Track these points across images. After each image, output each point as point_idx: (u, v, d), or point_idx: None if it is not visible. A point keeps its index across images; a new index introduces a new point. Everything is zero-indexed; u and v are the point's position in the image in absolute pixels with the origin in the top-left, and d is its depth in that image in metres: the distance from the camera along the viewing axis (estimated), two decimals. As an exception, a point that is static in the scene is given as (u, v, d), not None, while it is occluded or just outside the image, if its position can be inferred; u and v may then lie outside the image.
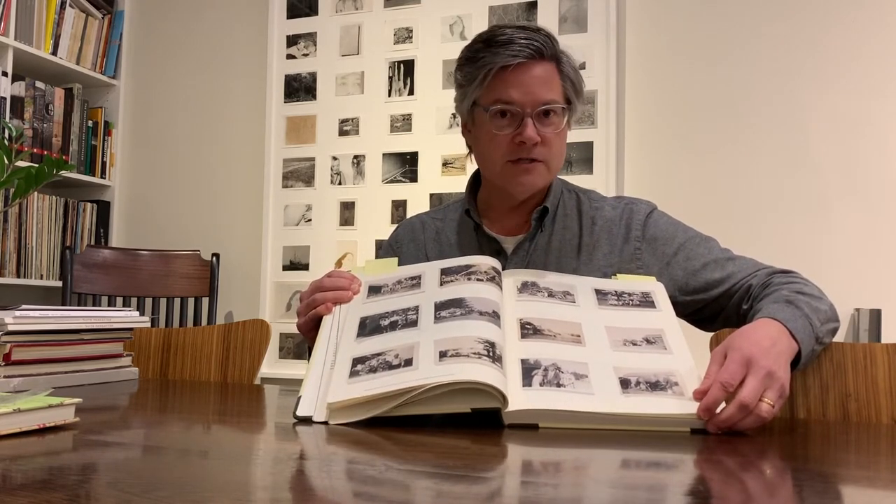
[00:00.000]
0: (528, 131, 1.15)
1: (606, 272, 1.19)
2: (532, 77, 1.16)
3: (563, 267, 1.21)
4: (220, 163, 2.90)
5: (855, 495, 0.58)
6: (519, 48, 1.15)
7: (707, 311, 1.19)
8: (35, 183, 1.01)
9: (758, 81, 2.31)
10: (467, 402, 0.81)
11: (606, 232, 1.24)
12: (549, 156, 1.19)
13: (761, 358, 0.86)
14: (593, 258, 1.22)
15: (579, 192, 1.30)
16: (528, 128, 1.15)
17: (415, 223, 1.37)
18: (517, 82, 1.16)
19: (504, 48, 1.15)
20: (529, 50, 1.15)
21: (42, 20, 2.71)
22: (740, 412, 0.82)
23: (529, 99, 1.16)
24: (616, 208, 1.27)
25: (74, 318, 1.16)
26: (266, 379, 2.57)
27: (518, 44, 1.15)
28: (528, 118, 1.15)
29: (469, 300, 0.95)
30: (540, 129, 1.16)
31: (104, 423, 0.82)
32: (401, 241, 1.35)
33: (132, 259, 2.59)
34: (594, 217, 1.26)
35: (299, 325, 1.07)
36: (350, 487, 0.55)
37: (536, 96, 1.16)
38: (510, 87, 1.16)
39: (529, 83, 1.16)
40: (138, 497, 0.50)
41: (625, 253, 1.22)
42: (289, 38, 2.80)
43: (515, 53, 1.15)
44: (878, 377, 1.05)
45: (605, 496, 0.54)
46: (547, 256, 1.23)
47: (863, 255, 2.18)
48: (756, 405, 0.83)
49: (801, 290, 1.06)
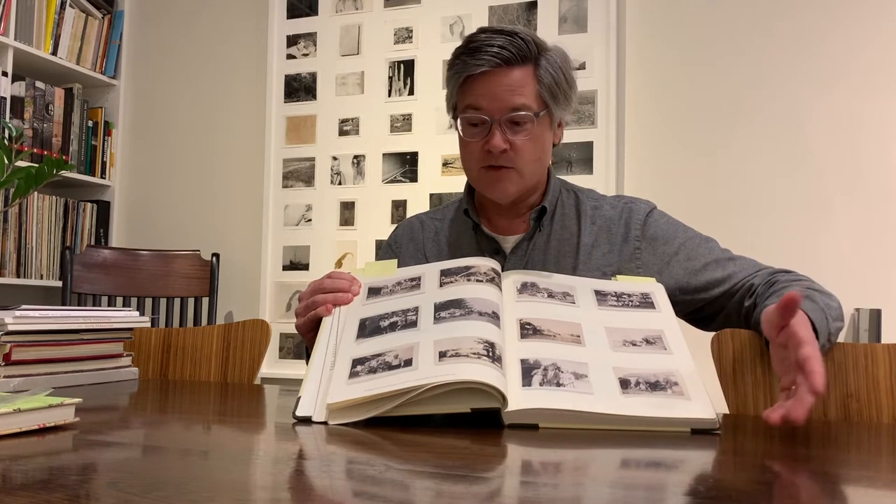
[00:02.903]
0: (493, 140, 1.16)
1: (605, 271, 1.20)
2: (499, 84, 1.16)
3: (562, 266, 1.21)
4: (220, 163, 2.90)
5: (856, 495, 0.58)
6: (488, 56, 1.15)
7: (707, 310, 1.19)
8: (35, 183, 1.01)
9: (758, 81, 2.31)
10: (467, 403, 0.81)
11: (606, 231, 1.24)
12: (521, 162, 1.18)
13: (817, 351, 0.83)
14: (592, 257, 1.22)
15: (578, 192, 1.30)
16: (495, 136, 1.16)
17: (413, 223, 1.38)
18: (483, 90, 1.16)
19: (472, 56, 1.16)
20: (497, 59, 1.15)
21: (42, 20, 2.71)
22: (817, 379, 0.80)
23: (496, 106, 1.16)
24: (615, 207, 1.26)
25: (74, 318, 1.16)
26: (266, 379, 2.57)
27: (487, 52, 1.15)
28: (496, 126, 1.16)
29: (469, 301, 0.95)
30: (509, 136, 1.16)
31: (104, 423, 0.82)
32: (400, 242, 1.35)
33: (132, 259, 2.59)
34: (593, 216, 1.25)
35: (298, 326, 1.07)
36: (350, 487, 0.55)
37: (503, 103, 1.15)
38: (477, 95, 1.17)
39: (496, 91, 1.16)
40: (138, 497, 0.50)
41: (624, 252, 1.22)
42: (289, 38, 2.80)
43: (482, 62, 1.15)
44: (880, 377, 1.05)
45: (605, 496, 0.54)
46: (545, 256, 1.23)
47: (863, 255, 2.18)
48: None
49: (811, 286, 1.06)
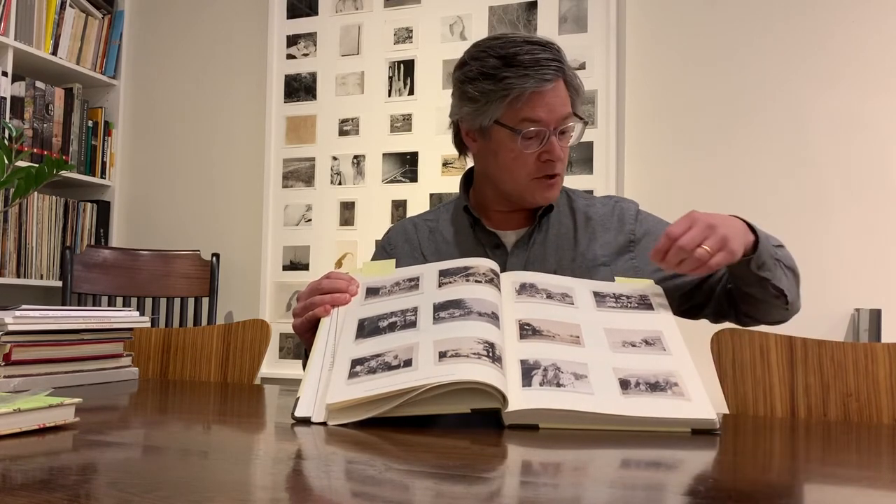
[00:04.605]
0: (556, 150, 1.19)
1: (604, 261, 1.25)
2: (556, 96, 1.19)
3: (563, 258, 1.26)
4: (220, 163, 2.90)
5: (856, 495, 0.58)
6: (546, 71, 1.16)
7: (698, 296, 1.24)
8: (35, 183, 1.01)
9: (757, 81, 2.31)
10: (467, 403, 0.81)
11: (601, 226, 1.29)
12: (562, 167, 1.24)
13: (706, 218, 1.00)
14: (589, 249, 1.26)
15: (569, 192, 1.35)
16: (555, 147, 1.19)
17: (406, 225, 1.40)
18: (544, 103, 1.18)
19: (531, 69, 1.15)
20: (554, 72, 1.17)
21: (42, 20, 2.71)
22: (677, 255, 0.97)
23: (553, 117, 1.19)
24: (606, 205, 1.33)
25: (74, 318, 1.16)
26: (266, 379, 2.57)
27: (545, 66, 1.16)
28: (553, 136, 1.19)
29: (468, 301, 0.95)
30: (561, 145, 1.20)
31: (104, 423, 0.82)
32: (394, 243, 1.36)
33: (132, 259, 2.59)
34: (586, 213, 1.31)
35: (295, 326, 1.07)
36: (349, 487, 0.55)
37: (558, 114, 1.19)
38: (538, 107, 1.18)
39: (554, 103, 1.19)
40: (138, 497, 0.50)
41: (619, 242, 1.27)
42: (289, 38, 2.80)
43: (547, 78, 1.16)
44: (880, 377, 1.05)
45: (605, 496, 0.54)
46: (545, 249, 1.27)
47: (863, 255, 2.18)
48: (693, 250, 0.97)
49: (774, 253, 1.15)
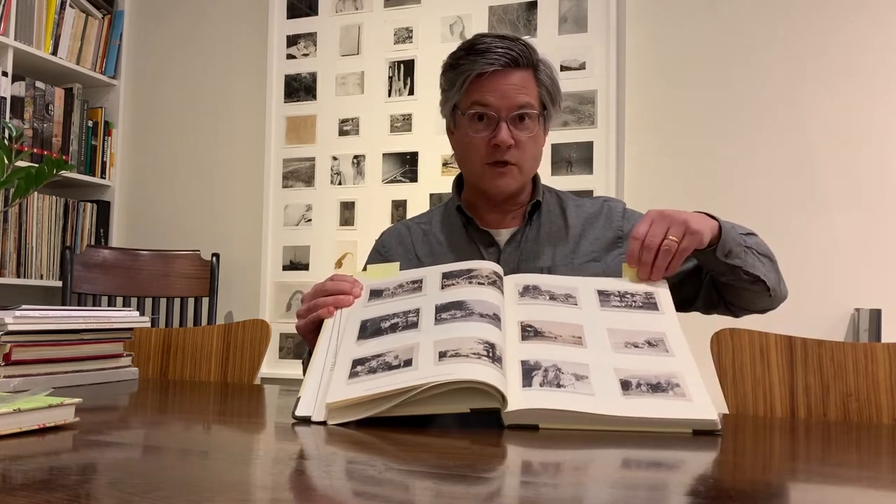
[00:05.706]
0: (501, 134, 1.23)
1: (595, 257, 1.29)
2: (507, 83, 1.23)
3: (557, 251, 1.29)
4: (220, 163, 2.90)
5: (856, 495, 0.58)
6: (496, 56, 1.23)
7: (688, 288, 1.26)
8: (35, 183, 1.01)
9: (758, 81, 2.31)
10: (467, 403, 0.81)
11: (590, 223, 1.33)
12: (522, 159, 1.26)
13: (663, 211, 1.04)
14: (580, 245, 1.30)
15: (558, 192, 1.40)
16: (503, 131, 1.23)
17: (399, 228, 1.42)
18: (493, 88, 1.23)
19: (482, 56, 1.23)
20: (506, 58, 1.23)
21: (42, 20, 2.71)
22: (647, 253, 1.01)
23: (504, 103, 1.23)
24: (594, 204, 1.37)
25: (74, 318, 1.16)
26: (266, 379, 2.57)
27: (495, 52, 1.23)
28: (503, 122, 1.23)
29: (470, 303, 0.95)
30: (514, 133, 1.24)
31: (104, 423, 0.82)
32: (388, 246, 1.38)
33: (132, 259, 2.59)
34: (577, 211, 1.35)
35: (299, 327, 1.07)
36: (350, 487, 0.55)
37: (511, 101, 1.23)
38: (486, 92, 1.23)
39: (505, 89, 1.23)
40: (138, 497, 0.50)
41: (609, 238, 1.31)
42: (289, 38, 2.80)
43: (492, 61, 1.22)
44: (879, 377, 1.05)
45: (605, 496, 0.54)
46: (539, 245, 1.30)
47: (863, 255, 2.18)
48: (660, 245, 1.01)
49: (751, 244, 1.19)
